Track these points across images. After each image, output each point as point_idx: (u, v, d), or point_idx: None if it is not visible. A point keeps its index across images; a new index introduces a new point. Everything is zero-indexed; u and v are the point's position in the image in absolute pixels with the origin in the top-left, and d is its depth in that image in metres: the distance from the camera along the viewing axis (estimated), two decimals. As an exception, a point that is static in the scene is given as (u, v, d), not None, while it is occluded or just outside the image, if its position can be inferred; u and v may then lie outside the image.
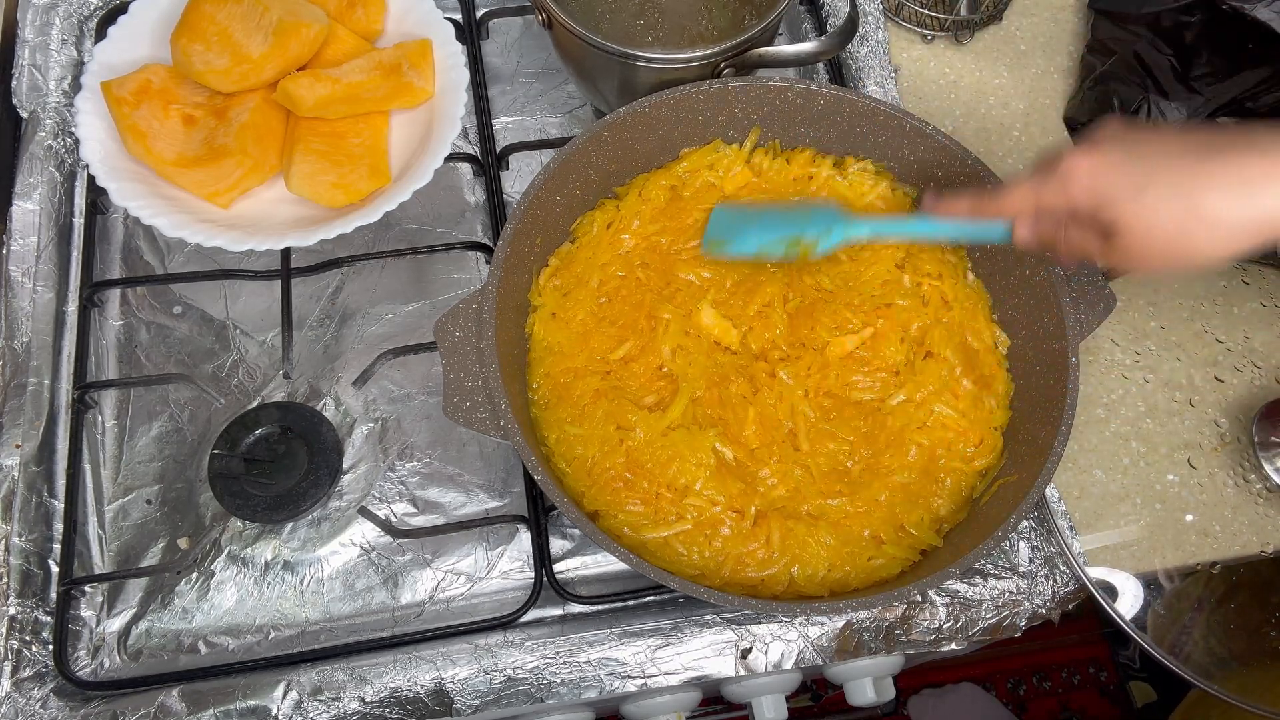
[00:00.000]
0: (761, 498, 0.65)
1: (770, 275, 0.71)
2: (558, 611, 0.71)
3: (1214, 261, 0.50)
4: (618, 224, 0.73)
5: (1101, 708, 1.54)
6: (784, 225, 0.68)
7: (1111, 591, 0.71)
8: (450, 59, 0.79)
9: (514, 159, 0.85)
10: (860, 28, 0.86)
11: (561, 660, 0.66)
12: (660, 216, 0.73)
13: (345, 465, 0.74)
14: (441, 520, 0.73)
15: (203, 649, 0.69)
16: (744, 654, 0.67)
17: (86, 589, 0.70)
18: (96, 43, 0.79)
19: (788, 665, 0.67)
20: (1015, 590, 0.69)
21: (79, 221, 0.80)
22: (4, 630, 0.65)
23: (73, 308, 0.77)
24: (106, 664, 0.68)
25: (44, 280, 0.76)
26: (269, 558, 0.71)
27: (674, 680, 0.66)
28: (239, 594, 0.70)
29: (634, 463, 0.64)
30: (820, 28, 0.92)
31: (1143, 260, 0.52)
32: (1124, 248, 0.52)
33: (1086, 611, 0.76)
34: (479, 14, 0.89)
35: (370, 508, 0.72)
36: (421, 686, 0.65)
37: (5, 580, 0.67)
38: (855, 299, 0.71)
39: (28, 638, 0.66)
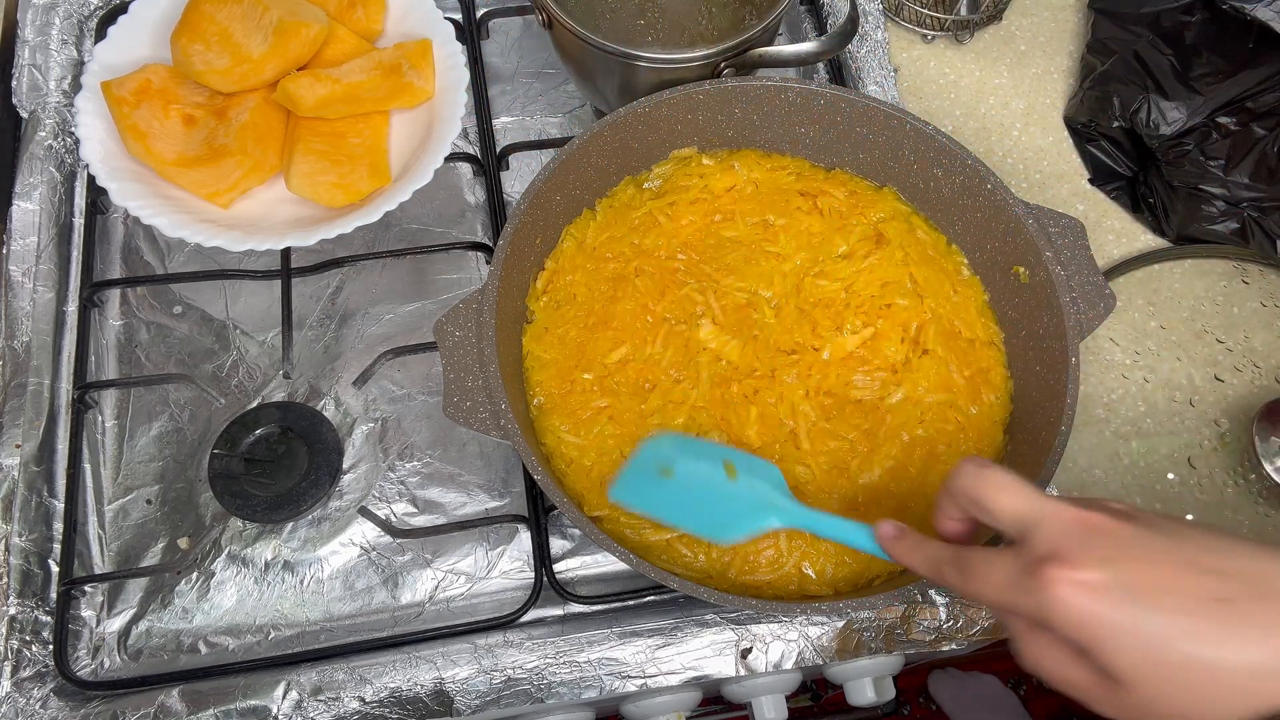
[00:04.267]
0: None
1: (771, 280, 0.70)
2: (558, 611, 0.71)
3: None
4: (594, 237, 0.73)
5: (1102, 708, 1.53)
6: (709, 504, 0.58)
7: (1111, 591, 0.71)
8: (450, 59, 0.79)
9: (514, 159, 0.85)
10: (860, 28, 0.86)
11: (561, 660, 0.66)
12: (648, 222, 0.73)
13: (345, 465, 0.74)
14: (441, 520, 0.73)
15: (203, 649, 0.69)
16: (744, 654, 0.67)
17: (86, 589, 0.70)
18: (96, 43, 0.79)
19: (788, 665, 0.67)
20: (1015, 590, 0.69)
21: (79, 221, 0.80)
22: (4, 630, 0.65)
23: (73, 308, 0.77)
24: (106, 664, 0.68)
25: (44, 280, 0.76)
26: (269, 558, 0.71)
27: (674, 680, 0.66)
28: (239, 594, 0.70)
29: None
30: (820, 28, 0.92)
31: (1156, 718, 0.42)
32: (1132, 704, 0.42)
33: (1086, 611, 0.76)
34: (479, 14, 0.89)
35: (370, 508, 0.72)
36: (421, 686, 0.65)
37: (5, 580, 0.67)
38: (855, 299, 0.71)
39: (28, 638, 0.66)
